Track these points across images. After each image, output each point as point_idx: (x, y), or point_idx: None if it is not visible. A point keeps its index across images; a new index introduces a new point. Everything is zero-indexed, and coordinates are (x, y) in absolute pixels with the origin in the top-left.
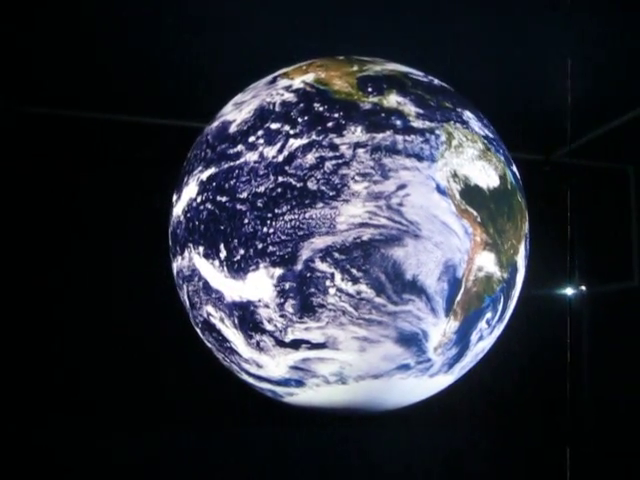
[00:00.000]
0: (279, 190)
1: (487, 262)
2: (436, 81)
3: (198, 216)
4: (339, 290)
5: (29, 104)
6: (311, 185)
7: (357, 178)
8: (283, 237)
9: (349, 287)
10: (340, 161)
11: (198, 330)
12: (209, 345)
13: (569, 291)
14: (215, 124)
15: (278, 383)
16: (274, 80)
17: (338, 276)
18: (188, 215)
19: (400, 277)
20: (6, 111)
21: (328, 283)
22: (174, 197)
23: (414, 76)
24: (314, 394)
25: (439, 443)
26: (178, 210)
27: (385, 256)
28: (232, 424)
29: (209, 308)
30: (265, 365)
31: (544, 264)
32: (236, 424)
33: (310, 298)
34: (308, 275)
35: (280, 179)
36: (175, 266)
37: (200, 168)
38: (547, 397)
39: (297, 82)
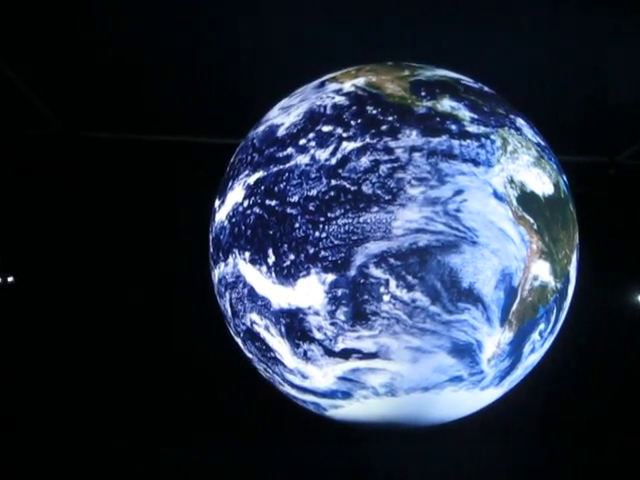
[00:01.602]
0: (332, 193)
1: (542, 271)
2: (486, 88)
3: (245, 221)
4: (393, 297)
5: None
6: (366, 189)
7: (413, 182)
8: (336, 242)
9: (404, 294)
10: (396, 165)
11: (239, 340)
12: (249, 355)
13: None
14: (261, 128)
15: (323, 395)
16: (322, 84)
17: (393, 283)
18: (233, 220)
19: (456, 285)
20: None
21: (382, 290)
22: (216, 203)
23: (465, 82)
24: (360, 407)
25: (488, 460)
26: (222, 215)
27: (442, 263)
28: (269, 438)
29: (254, 316)
30: (311, 376)
31: (613, 270)
32: (273, 439)
33: (363, 305)
34: (362, 281)
35: (333, 182)
36: (217, 273)
37: (247, 172)
38: (625, 410)
39: (347, 85)
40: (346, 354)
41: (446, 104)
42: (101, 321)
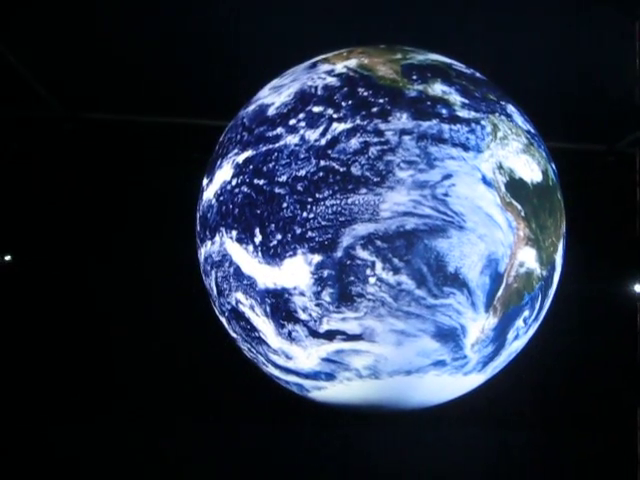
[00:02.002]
0: (321, 174)
1: (528, 258)
2: (478, 74)
3: (232, 199)
4: (379, 280)
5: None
6: (355, 170)
7: (402, 165)
8: (323, 222)
9: (390, 277)
10: (385, 147)
11: (223, 319)
12: (234, 335)
13: (638, 288)
14: (251, 107)
15: (307, 376)
16: (314, 65)
17: (379, 265)
18: (221, 198)
19: (442, 269)
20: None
21: (368, 272)
22: (204, 181)
23: (457, 67)
24: (344, 389)
25: (472, 444)
26: (209, 194)
27: (428, 247)
28: (250, 419)
29: (239, 295)
30: (295, 356)
31: (610, 259)
32: (255, 419)
33: (349, 287)
34: (348, 263)
35: (322, 163)
36: (203, 252)
37: (236, 151)
38: (617, 401)
39: (339, 67)
40: (330, 335)
41: (437, 88)
42: (96, 305)
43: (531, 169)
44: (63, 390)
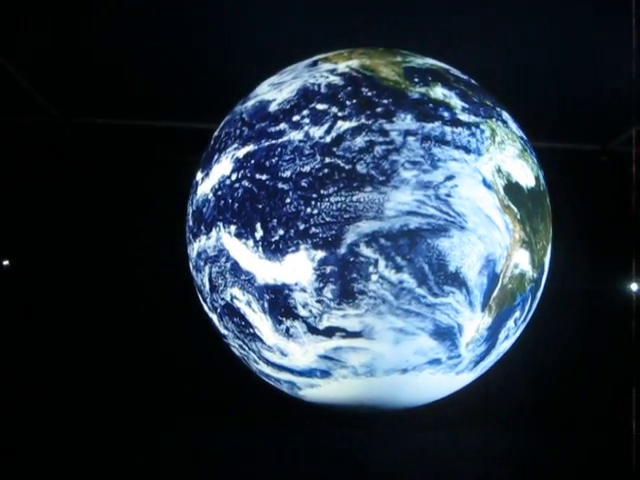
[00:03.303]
0: (326, 171)
1: (522, 260)
2: (473, 80)
3: (232, 194)
4: (381, 277)
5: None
6: (360, 168)
7: (407, 165)
8: (328, 219)
9: (392, 275)
10: (390, 147)
11: (214, 315)
12: (225, 332)
13: (634, 287)
14: (250, 103)
15: (301, 373)
16: (315, 63)
17: (382, 263)
18: (219, 193)
19: (443, 268)
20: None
21: (371, 269)
22: (199, 175)
23: (454, 72)
24: (338, 386)
25: (460, 444)
26: (205, 188)
27: (431, 246)
28: (237, 417)
29: (235, 291)
30: (291, 353)
31: (606, 259)
32: (241, 418)
33: (351, 284)
34: (351, 260)
35: (327, 160)
36: (196, 247)
37: (235, 145)
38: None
39: (342, 66)
40: (330, 332)
41: (438, 91)
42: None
43: (526, 174)
44: (61, 390)
